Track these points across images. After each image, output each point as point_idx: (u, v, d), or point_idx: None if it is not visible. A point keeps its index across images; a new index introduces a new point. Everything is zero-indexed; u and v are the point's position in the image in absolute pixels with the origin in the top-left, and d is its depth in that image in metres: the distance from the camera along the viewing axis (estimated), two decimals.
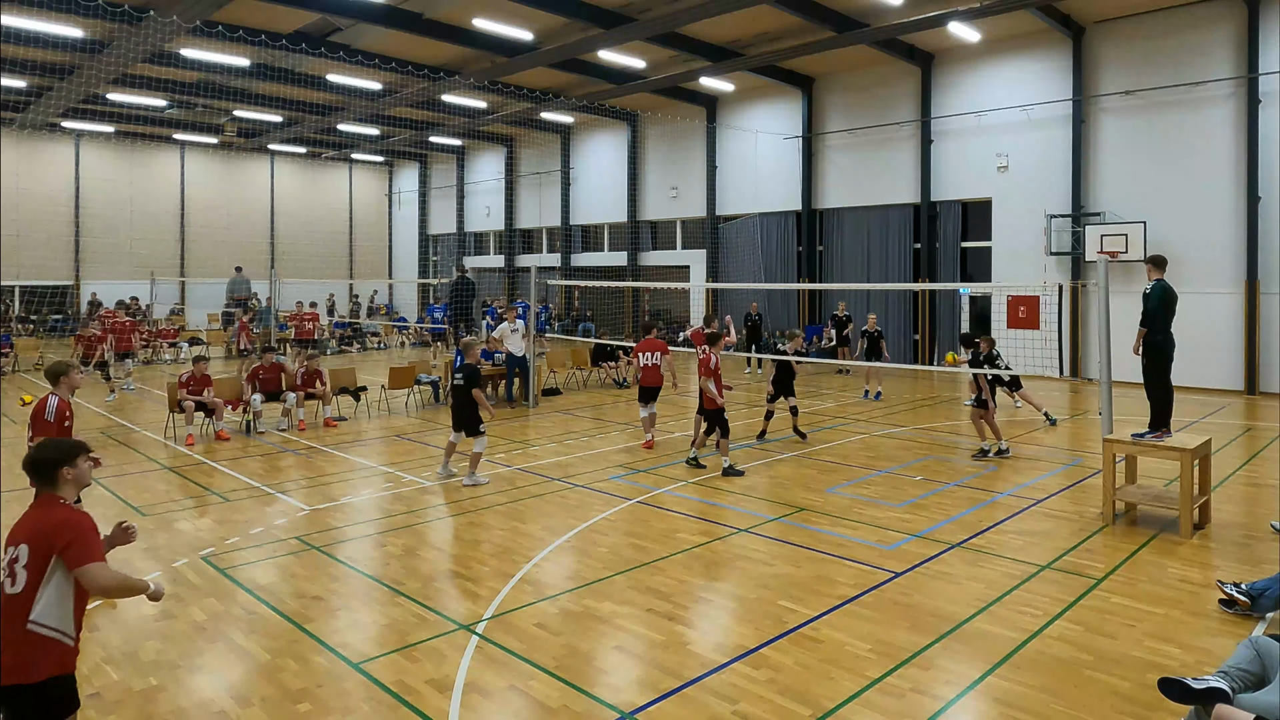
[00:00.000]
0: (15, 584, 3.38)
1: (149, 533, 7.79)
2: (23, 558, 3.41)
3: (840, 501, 8.83)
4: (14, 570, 3.40)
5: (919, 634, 5.49)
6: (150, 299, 28.05)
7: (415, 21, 18.33)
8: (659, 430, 12.98)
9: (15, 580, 3.39)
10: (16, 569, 3.40)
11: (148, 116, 27.77)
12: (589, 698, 4.71)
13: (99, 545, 3.55)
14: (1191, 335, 15.92)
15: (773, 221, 25.03)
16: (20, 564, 3.40)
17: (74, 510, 3.62)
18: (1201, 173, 17.42)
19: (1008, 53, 20.09)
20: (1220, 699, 3.67)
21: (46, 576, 3.40)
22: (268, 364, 13.44)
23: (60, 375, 6.43)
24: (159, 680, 4.93)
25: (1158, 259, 8.38)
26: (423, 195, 39.17)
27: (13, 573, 3.40)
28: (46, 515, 3.51)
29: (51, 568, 3.41)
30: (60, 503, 3.63)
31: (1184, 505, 7.55)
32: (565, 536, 7.64)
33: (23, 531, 3.48)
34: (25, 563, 3.40)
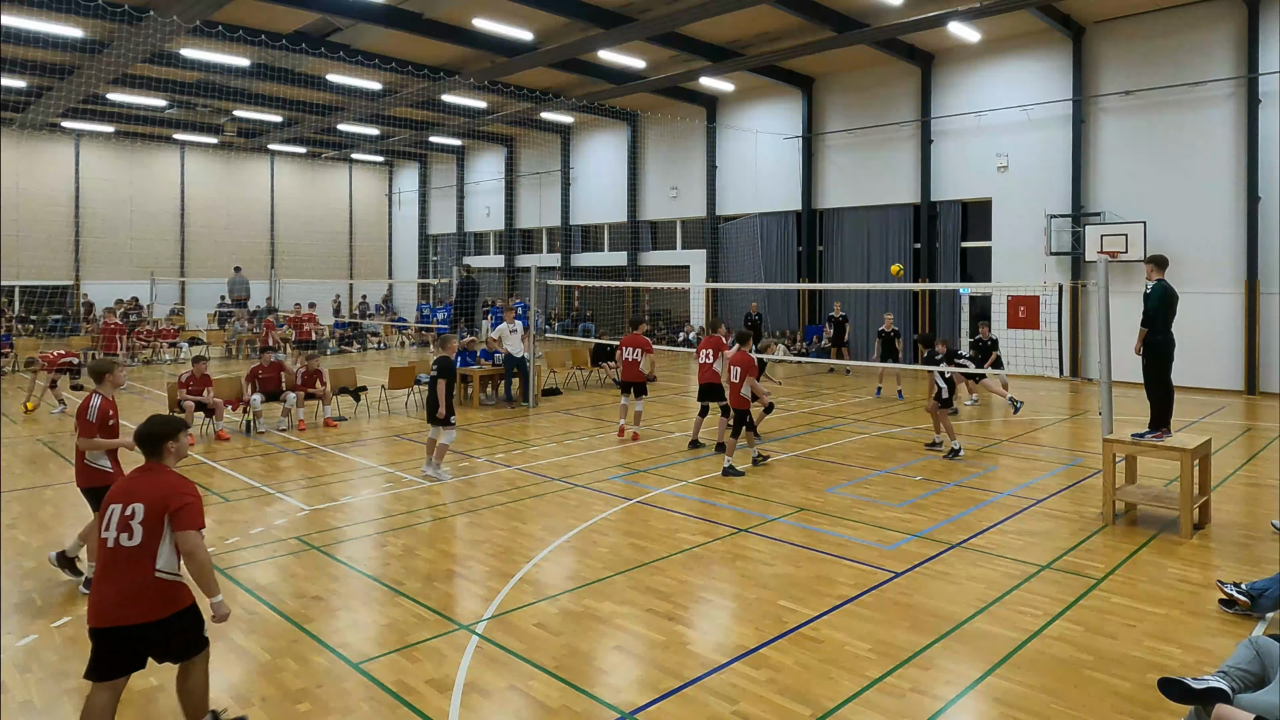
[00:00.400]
0: (133, 538, 3.91)
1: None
2: (139, 515, 3.92)
3: (840, 501, 8.83)
4: (130, 526, 3.90)
5: (919, 634, 5.49)
6: (150, 299, 28.05)
7: (415, 21, 18.33)
8: (658, 430, 12.97)
9: (133, 535, 3.91)
10: (133, 525, 3.91)
11: (148, 116, 27.76)
12: (589, 698, 4.71)
13: (202, 514, 4.05)
14: (1191, 335, 15.91)
15: (773, 221, 25.03)
16: (137, 520, 3.91)
17: (185, 479, 4.13)
18: (1201, 173, 17.42)
19: (1008, 53, 20.09)
20: (1220, 699, 3.67)
21: (164, 532, 3.94)
22: (267, 364, 13.44)
23: (104, 373, 6.44)
24: (159, 680, 4.93)
25: (1159, 259, 8.38)
26: (423, 195, 39.16)
27: (129, 528, 3.90)
28: (162, 480, 4.07)
29: (166, 525, 3.95)
30: (169, 470, 4.17)
31: (1184, 505, 7.55)
32: (565, 536, 7.64)
33: (140, 492, 3.98)
34: (142, 519, 3.92)
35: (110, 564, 3.92)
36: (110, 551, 3.93)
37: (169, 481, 4.07)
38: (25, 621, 5.77)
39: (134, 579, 3.89)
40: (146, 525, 3.93)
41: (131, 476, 4.14)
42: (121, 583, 3.88)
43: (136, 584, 3.89)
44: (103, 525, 4.00)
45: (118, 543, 3.92)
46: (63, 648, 5.35)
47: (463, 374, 15.66)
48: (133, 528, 3.92)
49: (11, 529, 7.92)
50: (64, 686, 4.85)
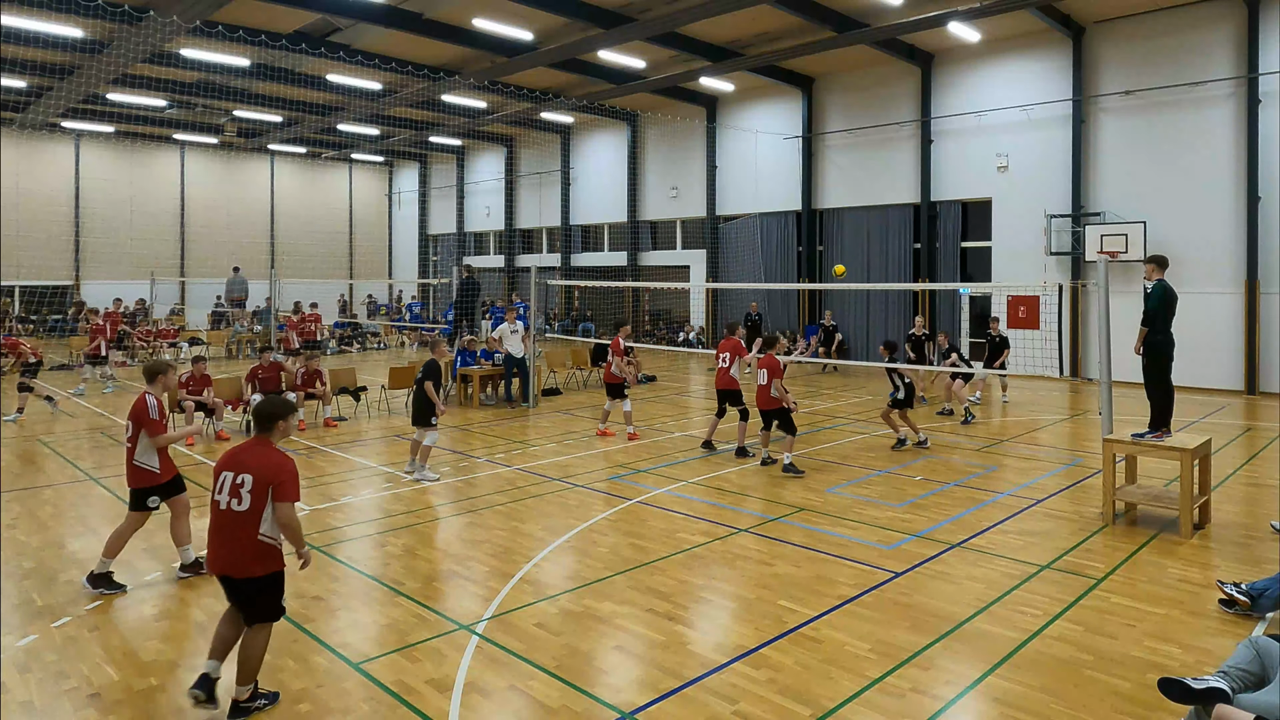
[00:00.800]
0: (242, 504, 4.47)
1: (149, 533, 7.79)
2: (248, 484, 4.47)
3: (840, 501, 8.83)
4: (240, 493, 4.47)
5: (919, 634, 5.49)
6: (150, 299, 28.05)
7: (415, 21, 18.34)
8: (658, 429, 12.98)
9: (241, 501, 4.47)
10: (243, 492, 4.47)
11: (148, 116, 27.76)
12: (589, 698, 4.71)
13: (298, 488, 4.61)
14: (1191, 335, 15.90)
15: (773, 221, 25.03)
16: (246, 489, 4.47)
17: (287, 456, 4.65)
18: (1201, 173, 17.42)
19: (1008, 53, 20.09)
20: (1220, 699, 3.67)
21: (267, 501, 4.49)
22: (267, 364, 13.43)
23: (158, 374, 6.60)
24: (159, 680, 4.93)
25: (1160, 259, 8.38)
26: (423, 195, 39.17)
27: (238, 494, 4.46)
28: (268, 455, 4.60)
29: (269, 495, 4.49)
30: (274, 446, 4.68)
31: (1184, 505, 7.55)
32: (565, 536, 7.63)
33: (247, 464, 4.53)
34: (250, 488, 4.47)
35: (220, 524, 4.53)
36: (221, 513, 4.52)
37: (274, 458, 4.60)
38: (25, 621, 5.77)
39: (240, 539, 4.47)
40: (254, 494, 4.47)
41: (241, 448, 4.69)
42: (230, 541, 4.49)
43: (241, 543, 4.47)
44: (215, 489, 4.56)
45: (229, 507, 4.50)
46: (63, 648, 5.35)
47: (463, 374, 15.67)
48: (242, 495, 4.49)
49: (11, 529, 7.91)
50: (64, 686, 4.85)
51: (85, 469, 10.43)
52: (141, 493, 6.42)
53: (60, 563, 6.98)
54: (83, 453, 11.44)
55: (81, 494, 9.25)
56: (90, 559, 7.05)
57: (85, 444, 12.05)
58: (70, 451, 11.52)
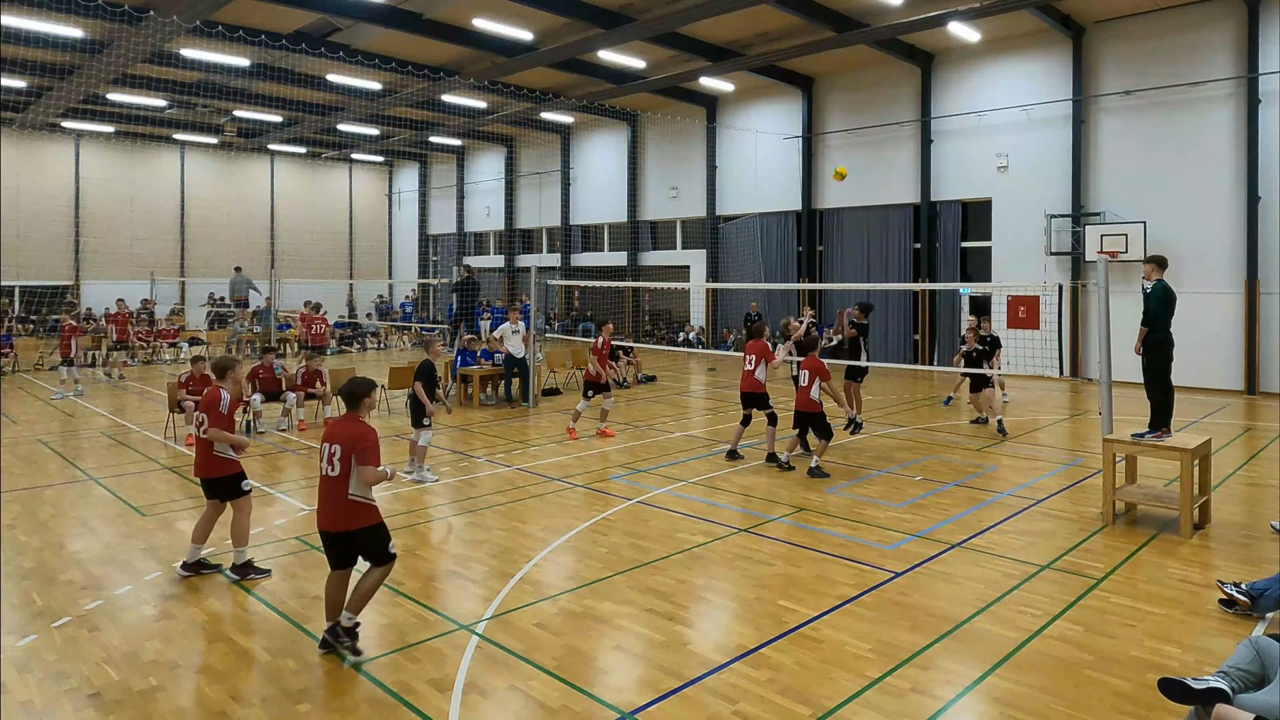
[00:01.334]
0: (334, 470, 5.24)
1: (149, 533, 7.79)
2: (338, 453, 5.23)
3: (840, 501, 8.83)
4: (333, 461, 5.25)
5: (919, 634, 5.49)
6: (151, 299, 28.05)
7: (415, 21, 18.33)
8: (658, 429, 12.96)
9: (334, 468, 5.24)
10: (335, 460, 5.24)
11: (148, 116, 27.76)
12: (589, 698, 4.71)
13: (378, 453, 5.30)
14: (1191, 335, 15.93)
15: (773, 221, 25.03)
16: (337, 457, 5.23)
17: (369, 427, 5.34)
18: (1201, 173, 17.42)
19: (1008, 53, 20.10)
20: (1220, 699, 3.67)
21: (353, 467, 5.21)
22: (268, 364, 13.42)
23: (227, 370, 6.91)
24: (159, 680, 4.93)
25: (1159, 259, 8.38)
26: (423, 195, 39.16)
27: (332, 463, 5.25)
28: (353, 428, 5.30)
29: (353, 461, 5.21)
30: (359, 420, 5.41)
31: (1184, 505, 7.55)
32: (565, 536, 7.63)
33: (337, 436, 5.29)
34: (340, 456, 5.22)
35: (322, 488, 5.33)
36: (323, 479, 5.32)
37: (358, 430, 5.29)
38: (25, 621, 5.77)
39: (334, 499, 5.25)
40: (343, 461, 5.22)
41: (335, 423, 5.43)
42: (329, 502, 5.28)
43: (335, 503, 5.24)
44: (320, 460, 5.38)
45: (325, 473, 5.29)
46: (63, 648, 5.35)
47: (463, 374, 15.67)
48: (334, 463, 5.23)
49: (11, 529, 7.92)
50: (64, 687, 4.85)
51: (85, 469, 10.43)
52: (213, 484, 6.67)
53: (60, 563, 6.98)
54: (83, 453, 11.44)
55: (81, 494, 9.25)
56: (90, 559, 7.06)
57: (85, 444, 12.05)
58: (70, 451, 11.52)
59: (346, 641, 5.26)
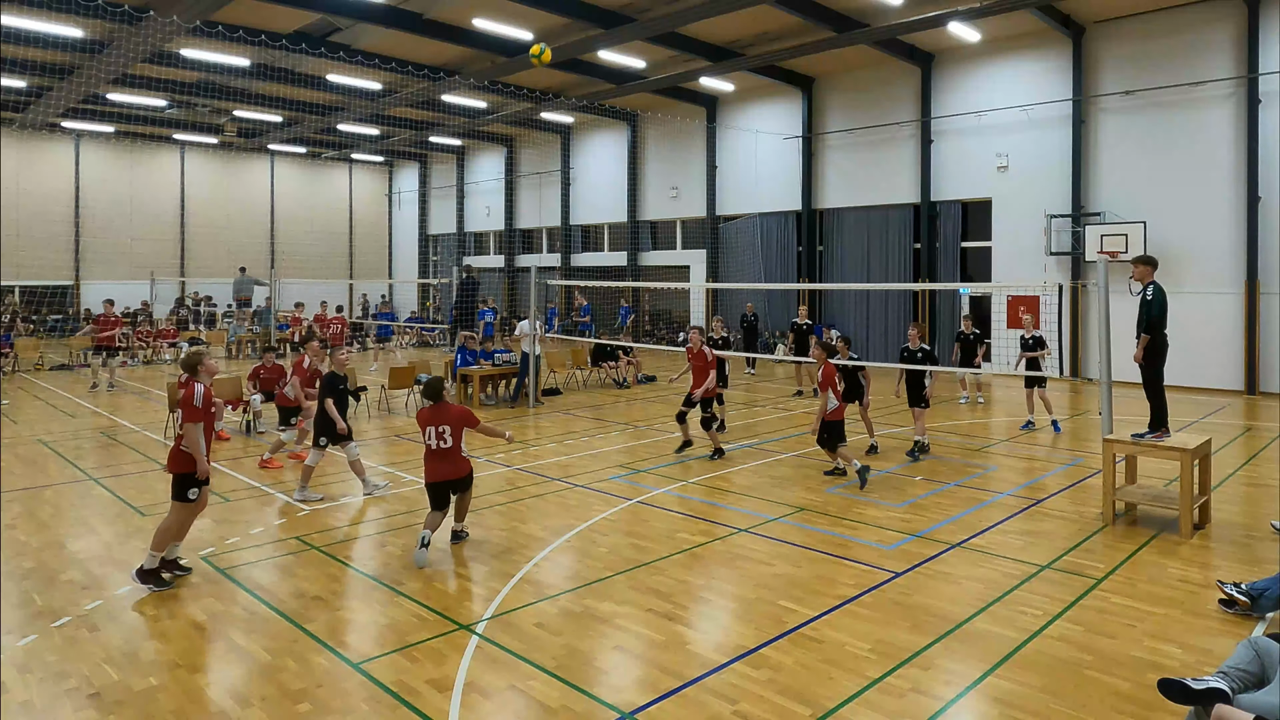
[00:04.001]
0: (446, 443, 7.15)
1: (149, 533, 7.78)
2: (448, 431, 7.13)
3: (840, 501, 8.83)
4: (445, 436, 7.13)
5: (919, 634, 5.49)
6: (151, 299, 28.06)
7: (415, 21, 18.33)
8: (658, 429, 12.97)
9: (446, 441, 7.14)
10: (446, 436, 7.13)
11: (148, 116, 27.76)
12: (589, 698, 4.71)
13: (476, 417, 7.34)
14: (1191, 335, 15.95)
15: (773, 221, 25.03)
16: (448, 433, 7.14)
17: (463, 407, 7.38)
18: (1201, 173, 17.41)
19: (1008, 53, 20.09)
20: (1220, 699, 3.67)
21: (462, 435, 7.24)
22: (268, 364, 13.42)
23: (196, 364, 6.80)
24: (159, 680, 4.93)
25: (1152, 260, 8.40)
26: (423, 195, 39.16)
27: (443, 438, 7.13)
28: (452, 410, 7.25)
29: (463, 431, 7.24)
30: (450, 403, 7.30)
31: (1184, 505, 7.55)
32: (565, 536, 7.64)
33: (445, 419, 7.16)
34: (451, 432, 7.15)
35: (437, 454, 7.17)
36: (434, 450, 7.17)
37: (456, 410, 7.27)
38: (25, 621, 5.77)
39: (453, 459, 7.22)
40: (454, 434, 7.16)
41: (431, 410, 7.21)
42: (446, 463, 7.18)
43: (453, 461, 7.22)
44: (425, 436, 7.16)
45: (439, 445, 7.13)
46: (63, 648, 5.35)
47: (463, 374, 15.68)
48: (446, 438, 7.12)
49: (11, 529, 7.92)
50: (64, 686, 4.85)
51: (85, 469, 10.43)
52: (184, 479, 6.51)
53: (60, 563, 6.98)
54: (83, 453, 11.44)
55: (81, 494, 9.25)
56: (90, 559, 7.07)
57: (85, 444, 12.05)
58: (70, 451, 11.52)
59: (465, 534, 7.57)
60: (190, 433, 6.47)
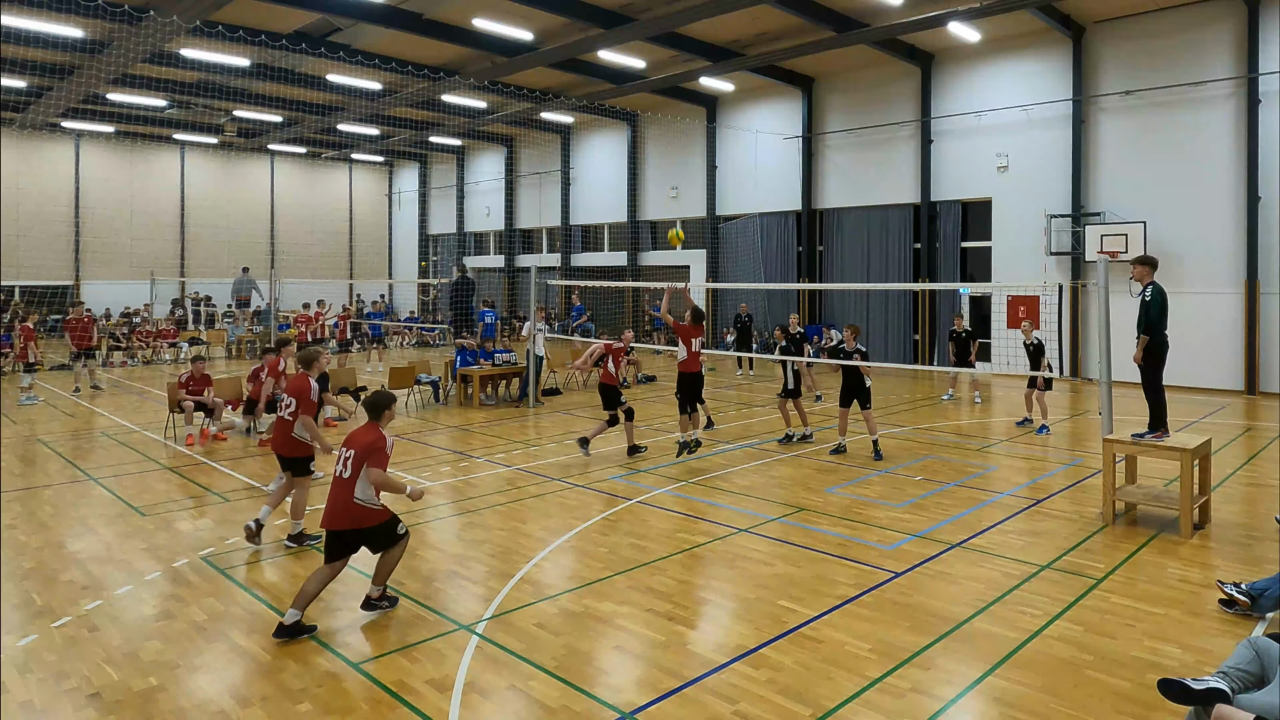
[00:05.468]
0: (346, 471, 5.65)
1: (149, 533, 7.80)
2: (351, 457, 5.66)
3: (840, 501, 8.83)
4: (346, 464, 5.68)
5: (919, 634, 5.49)
6: (150, 299, 28.06)
7: (415, 21, 18.33)
8: (658, 429, 12.95)
9: (346, 469, 5.66)
10: (347, 463, 5.66)
11: (148, 116, 27.77)
12: (589, 698, 4.71)
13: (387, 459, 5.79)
14: (1191, 335, 15.95)
15: (773, 221, 25.03)
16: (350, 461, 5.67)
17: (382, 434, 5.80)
18: (1201, 173, 17.41)
19: (1008, 53, 20.10)
20: (1220, 699, 3.67)
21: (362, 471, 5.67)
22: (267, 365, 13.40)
23: (312, 360, 7.66)
24: (159, 680, 4.93)
25: (1152, 260, 8.39)
26: (423, 195, 39.17)
27: (345, 465, 5.67)
28: (369, 434, 5.73)
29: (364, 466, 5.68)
30: (377, 428, 5.85)
31: (1184, 505, 7.55)
32: (565, 536, 7.63)
33: (354, 442, 5.71)
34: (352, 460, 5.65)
35: (332, 488, 5.74)
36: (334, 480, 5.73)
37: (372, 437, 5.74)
38: (25, 621, 5.77)
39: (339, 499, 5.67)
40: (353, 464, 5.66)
41: (355, 431, 5.87)
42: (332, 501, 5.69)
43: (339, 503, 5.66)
44: (335, 463, 5.76)
45: (338, 474, 5.71)
46: (63, 648, 5.35)
47: (463, 374, 15.68)
48: (346, 465, 5.66)
49: (11, 529, 7.91)
50: (64, 687, 4.85)
51: (85, 469, 10.43)
52: (294, 461, 7.44)
53: (60, 563, 6.98)
54: (83, 453, 11.44)
55: (81, 494, 9.25)
56: (90, 559, 7.06)
57: (85, 444, 12.05)
58: (70, 451, 11.52)
59: (384, 605, 5.84)
60: (309, 422, 7.29)
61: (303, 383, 7.39)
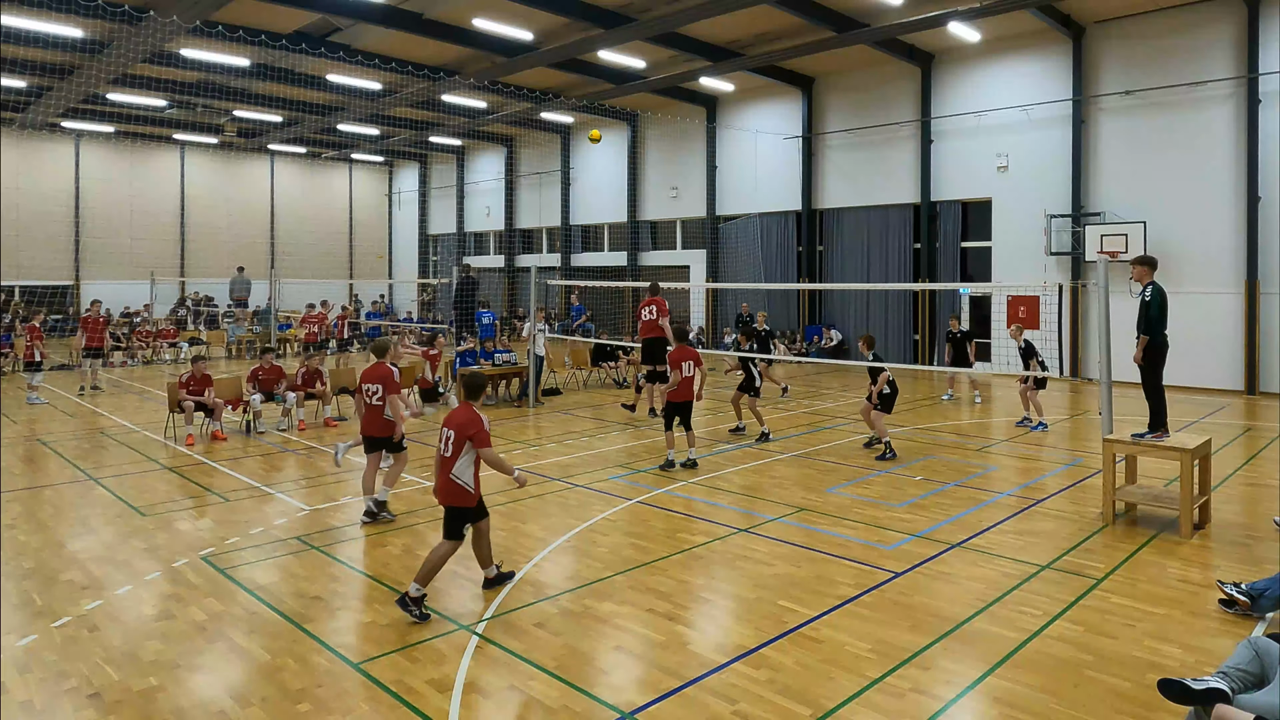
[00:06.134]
0: (448, 451, 6.03)
1: (149, 533, 7.80)
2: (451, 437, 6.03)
3: (840, 501, 8.83)
4: (448, 443, 6.03)
5: (919, 634, 5.49)
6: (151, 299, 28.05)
7: (415, 21, 18.34)
8: (657, 429, 12.95)
9: (448, 449, 6.03)
10: (449, 443, 6.03)
11: (148, 116, 27.77)
12: (589, 698, 4.71)
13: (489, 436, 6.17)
14: (1191, 335, 15.94)
15: (773, 221, 25.03)
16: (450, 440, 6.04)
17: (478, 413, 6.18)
18: (1201, 173, 17.41)
19: (1008, 53, 20.09)
20: (1220, 699, 3.67)
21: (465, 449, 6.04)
22: (266, 365, 13.41)
23: (387, 349, 8.40)
24: (159, 680, 4.93)
25: (1152, 260, 8.38)
26: (423, 195, 39.17)
27: (447, 445, 6.03)
28: (466, 414, 6.09)
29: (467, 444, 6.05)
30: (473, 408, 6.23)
31: (1184, 505, 7.55)
32: (565, 536, 7.63)
33: (452, 422, 6.08)
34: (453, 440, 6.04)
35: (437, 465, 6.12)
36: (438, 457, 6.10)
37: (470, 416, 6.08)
38: (25, 621, 5.77)
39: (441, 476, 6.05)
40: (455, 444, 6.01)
41: (454, 410, 6.23)
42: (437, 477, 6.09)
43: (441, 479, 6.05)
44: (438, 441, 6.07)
45: (441, 453, 6.05)
46: (63, 648, 5.35)
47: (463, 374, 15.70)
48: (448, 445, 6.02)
49: (11, 529, 7.92)
50: (64, 686, 4.85)
51: (85, 469, 10.43)
52: (378, 441, 8.15)
53: (60, 563, 6.98)
54: (83, 453, 11.44)
55: (81, 494, 9.25)
56: (90, 559, 7.06)
57: (85, 444, 12.05)
58: (70, 451, 11.52)
59: (415, 610, 5.73)
60: (394, 403, 8.04)
61: (383, 369, 8.16)
